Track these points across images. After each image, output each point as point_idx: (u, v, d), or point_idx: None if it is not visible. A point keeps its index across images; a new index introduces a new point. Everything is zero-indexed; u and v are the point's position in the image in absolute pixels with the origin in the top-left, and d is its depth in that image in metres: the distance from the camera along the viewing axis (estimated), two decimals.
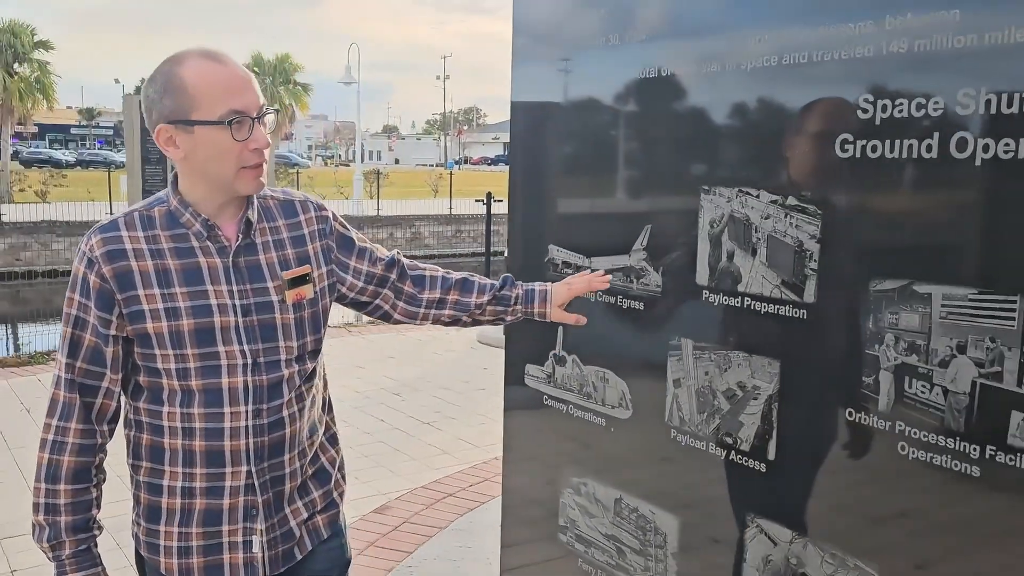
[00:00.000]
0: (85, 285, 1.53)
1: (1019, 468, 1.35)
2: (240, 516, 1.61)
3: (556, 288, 1.87)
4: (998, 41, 1.36)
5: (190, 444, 1.56)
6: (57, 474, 1.55)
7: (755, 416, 1.78)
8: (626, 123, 2.15)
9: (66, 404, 1.55)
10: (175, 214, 1.57)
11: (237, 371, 1.56)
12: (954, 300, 1.44)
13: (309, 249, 1.68)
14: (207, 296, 1.55)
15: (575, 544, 2.27)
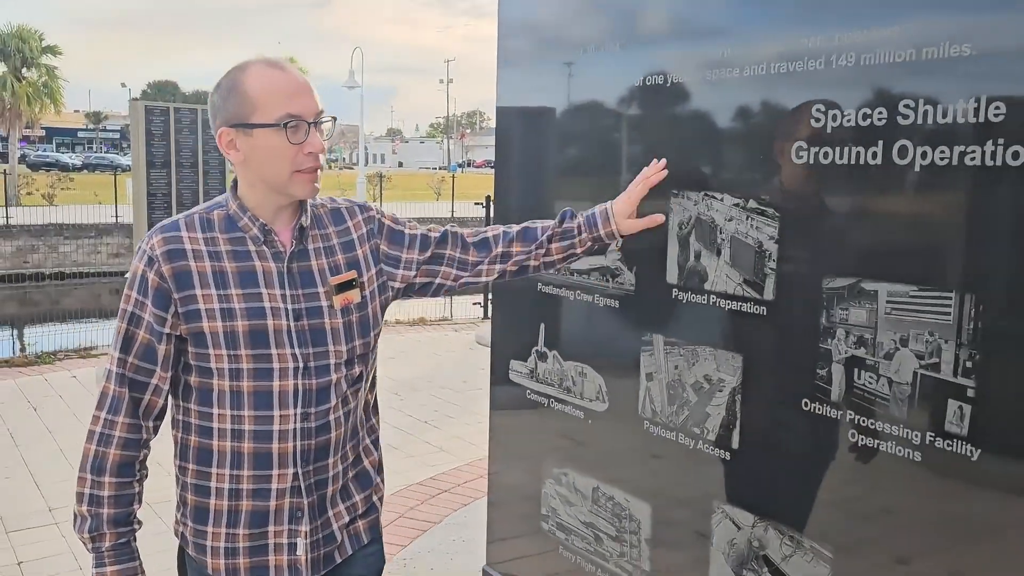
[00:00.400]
0: (143, 283, 1.55)
1: (955, 453, 1.45)
2: (285, 518, 1.62)
3: (616, 203, 1.83)
4: (933, 56, 1.47)
5: (239, 446, 1.58)
6: (103, 466, 1.56)
7: (720, 407, 1.89)
8: (602, 129, 2.25)
9: (115, 398, 1.56)
10: (233, 218, 1.60)
11: (288, 374, 1.58)
12: (897, 297, 1.54)
13: (358, 253, 1.70)
14: (261, 299, 1.57)
15: (556, 532, 2.37)
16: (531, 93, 2.47)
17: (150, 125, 6.22)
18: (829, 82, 1.64)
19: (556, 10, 2.38)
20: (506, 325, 2.66)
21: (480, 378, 6.64)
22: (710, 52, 1.87)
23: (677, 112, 1.98)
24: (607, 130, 2.24)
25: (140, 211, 6.27)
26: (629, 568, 2.14)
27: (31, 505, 4.19)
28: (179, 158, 6.38)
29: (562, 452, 2.36)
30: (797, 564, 1.72)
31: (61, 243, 19.31)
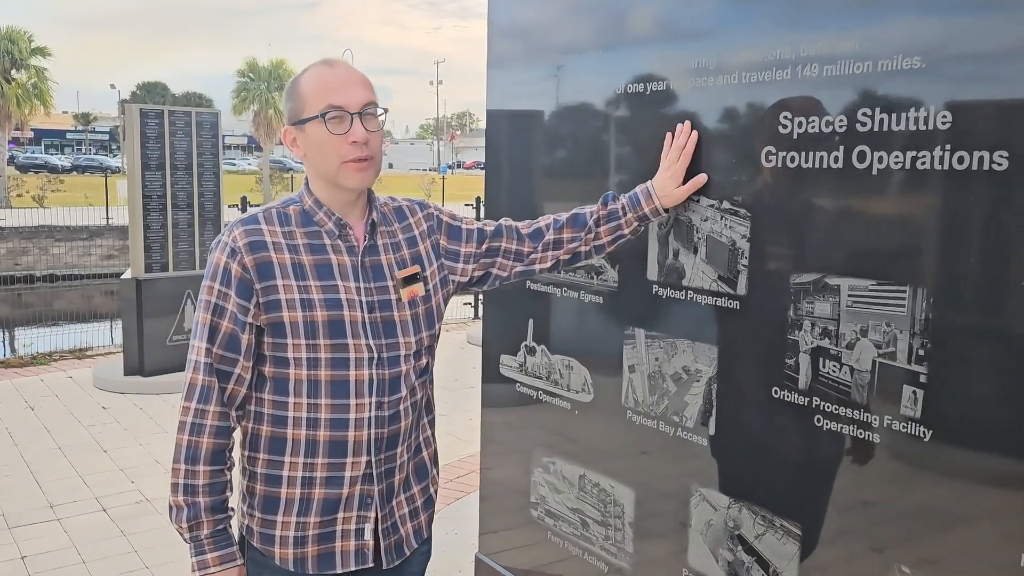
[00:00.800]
0: (226, 274, 1.59)
1: (909, 434, 1.58)
2: (356, 504, 1.65)
3: (657, 181, 1.94)
4: (888, 68, 1.59)
5: (314, 434, 1.61)
6: (197, 455, 1.59)
7: (698, 396, 2.00)
8: (587, 131, 2.37)
9: (205, 387, 1.59)
10: (309, 213, 1.66)
11: (363, 364, 1.62)
12: (858, 290, 1.66)
13: (421, 249, 1.77)
14: (338, 291, 1.62)
15: (545, 518, 2.49)
16: (521, 95, 2.58)
17: (144, 128, 6.29)
18: (795, 91, 1.76)
19: (545, 13, 2.49)
20: (496, 322, 2.77)
21: (472, 377, 6.75)
22: (688, 62, 1.99)
23: (658, 117, 2.10)
24: (593, 132, 2.35)
25: (135, 213, 6.35)
26: (614, 551, 2.26)
27: (32, 502, 4.28)
28: (173, 160, 6.46)
29: (550, 442, 2.47)
30: (769, 542, 1.84)
31: (52, 245, 19.32)
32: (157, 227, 6.42)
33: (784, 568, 1.81)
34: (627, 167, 2.23)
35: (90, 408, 5.90)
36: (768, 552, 1.84)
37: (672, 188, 1.94)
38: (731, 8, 1.93)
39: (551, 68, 2.42)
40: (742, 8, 1.90)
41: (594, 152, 2.34)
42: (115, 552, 3.76)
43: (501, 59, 2.61)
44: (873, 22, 1.62)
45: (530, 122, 2.54)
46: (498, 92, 2.62)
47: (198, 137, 6.56)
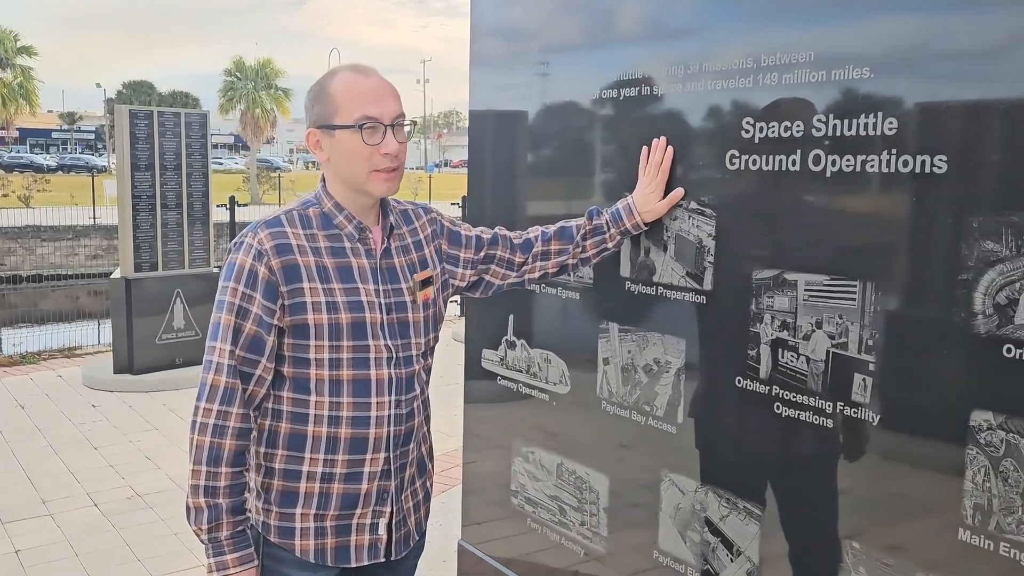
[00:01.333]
0: (252, 276, 1.59)
1: (860, 419, 1.69)
2: (373, 500, 1.69)
3: (637, 197, 2.03)
4: (840, 78, 1.70)
5: (335, 432, 1.64)
6: (219, 456, 1.58)
7: (667, 386, 2.11)
8: (564, 131, 2.47)
9: (228, 389, 1.59)
10: (329, 216, 1.69)
11: (383, 364, 1.67)
12: (814, 285, 1.77)
13: (427, 252, 1.82)
14: (359, 294, 1.66)
15: (524, 506, 2.59)
16: (503, 96, 2.67)
17: (134, 128, 6.36)
18: (756, 98, 1.86)
19: (526, 13, 2.59)
20: (479, 318, 2.87)
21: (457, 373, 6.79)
22: (660, 71, 2.09)
23: (631, 120, 2.20)
24: (571, 133, 2.45)
25: (125, 213, 6.41)
26: (589, 535, 2.36)
27: (25, 498, 4.35)
28: (163, 161, 6.52)
29: (529, 432, 2.58)
30: (732, 523, 1.95)
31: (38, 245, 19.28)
32: (146, 227, 6.48)
33: (746, 547, 1.92)
34: (605, 167, 2.33)
35: (80, 406, 5.96)
36: (732, 533, 1.95)
37: (653, 203, 2.03)
38: (699, 20, 2.04)
39: (533, 68, 2.52)
40: (709, 21, 2.01)
41: (574, 152, 2.44)
42: (107, 546, 3.84)
43: (483, 59, 2.71)
44: (826, 35, 1.73)
45: (512, 122, 2.64)
46: (481, 92, 2.71)
47: (187, 138, 6.63)
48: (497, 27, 2.69)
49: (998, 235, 1.47)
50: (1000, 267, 1.47)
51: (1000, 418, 1.48)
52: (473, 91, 2.71)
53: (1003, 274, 1.47)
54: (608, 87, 2.24)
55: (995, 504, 1.49)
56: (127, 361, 6.48)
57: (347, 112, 1.63)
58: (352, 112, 1.63)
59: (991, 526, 1.49)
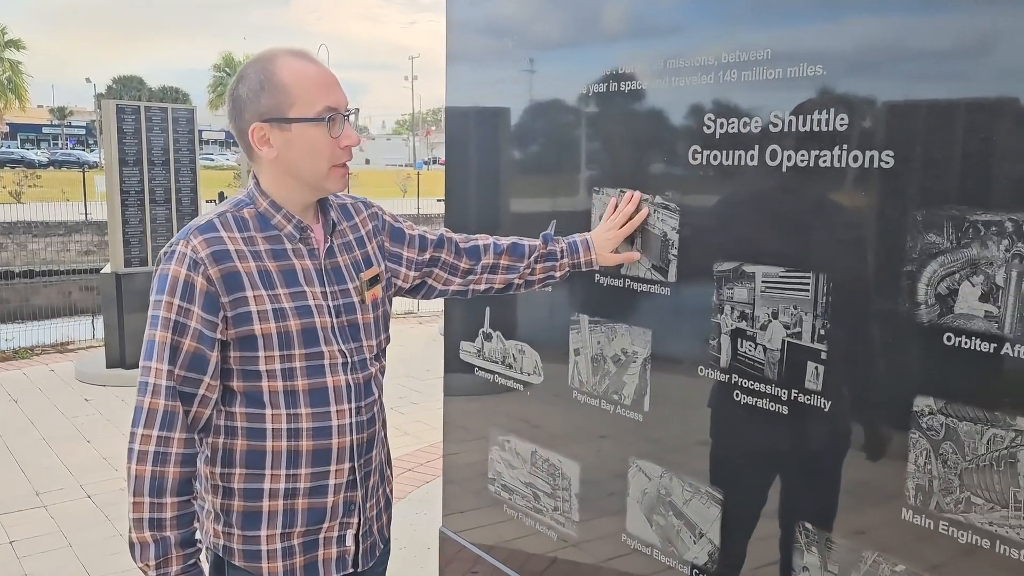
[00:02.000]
0: (187, 288, 1.46)
1: (813, 405, 1.75)
2: (340, 512, 1.60)
3: (597, 237, 1.99)
4: (795, 75, 1.76)
5: (296, 445, 1.54)
6: (163, 487, 1.46)
7: (634, 376, 2.18)
8: (536, 128, 2.53)
9: (168, 413, 1.46)
10: (266, 216, 1.56)
11: (338, 370, 1.56)
12: (770, 277, 1.83)
13: (369, 249, 1.70)
14: (306, 297, 1.54)
15: (501, 493, 2.66)
16: (478, 92, 2.72)
17: (122, 123, 6.39)
18: (717, 95, 1.92)
19: (501, 8, 2.64)
20: (457, 310, 2.93)
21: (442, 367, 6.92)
22: (620, 69, 2.15)
23: (597, 117, 2.26)
24: (541, 132, 2.51)
25: (114, 208, 6.45)
26: (562, 520, 2.43)
27: (18, 490, 4.41)
28: (151, 156, 6.56)
29: (505, 421, 2.64)
30: (695, 507, 2.02)
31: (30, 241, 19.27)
32: (136, 222, 6.52)
33: (708, 529, 1.99)
34: (576, 164, 2.39)
35: (73, 400, 6.01)
36: (695, 516, 2.02)
37: (608, 249, 2.01)
38: (662, 20, 2.10)
39: (507, 64, 2.57)
40: (672, 20, 2.07)
41: (546, 149, 2.50)
42: (101, 536, 3.90)
43: (459, 55, 2.76)
44: (783, 34, 1.79)
45: (487, 119, 2.70)
46: (457, 89, 2.77)
47: (174, 133, 6.67)
48: (472, 23, 2.74)
49: (940, 228, 1.54)
50: (941, 259, 1.54)
51: (940, 403, 1.54)
52: (449, 88, 2.76)
53: (944, 265, 1.54)
54: (578, 84, 2.29)
55: (935, 485, 1.55)
56: (119, 355, 6.53)
57: (307, 103, 1.51)
58: (313, 103, 1.51)
59: (931, 506, 1.56)
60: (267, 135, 1.53)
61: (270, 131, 1.52)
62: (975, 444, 1.50)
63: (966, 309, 1.50)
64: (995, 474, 1.48)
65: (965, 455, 1.52)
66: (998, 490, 1.48)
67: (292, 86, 1.51)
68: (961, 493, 1.52)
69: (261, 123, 1.52)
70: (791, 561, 1.80)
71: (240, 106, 1.54)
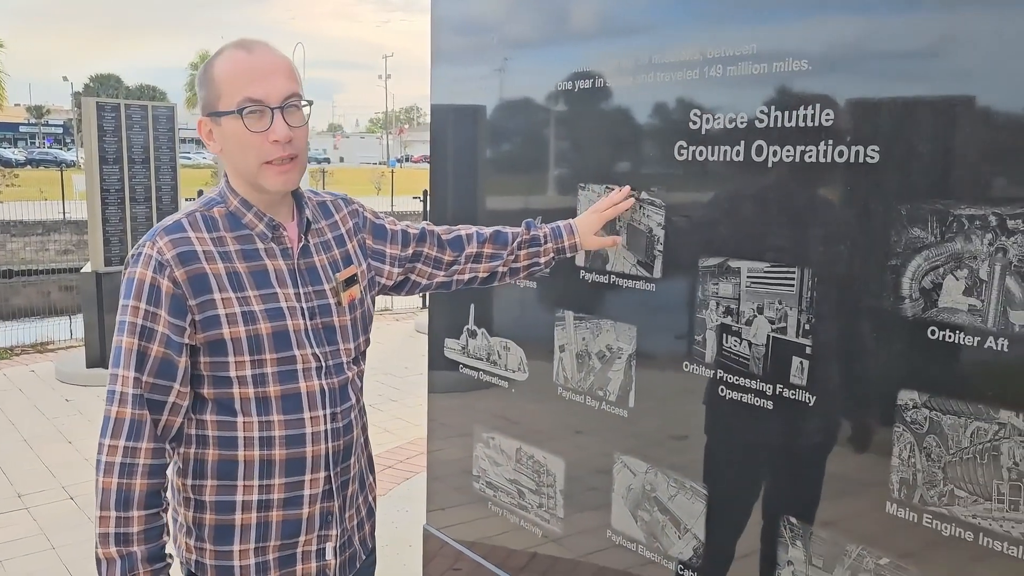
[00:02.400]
0: (154, 291, 1.41)
1: (798, 400, 1.76)
2: (317, 524, 1.54)
3: (581, 221, 1.97)
4: (781, 70, 1.76)
5: (269, 454, 1.48)
6: (129, 500, 1.40)
7: (619, 372, 2.17)
8: (521, 125, 2.52)
9: (135, 422, 1.40)
10: (236, 214, 1.50)
11: (312, 375, 1.50)
12: (755, 272, 1.84)
13: (349, 248, 1.64)
14: (278, 299, 1.48)
15: (485, 490, 2.65)
16: (464, 90, 2.71)
17: (102, 121, 6.32)
18: (703, 91, 1.93)
19: (486, 6, 2.63)
20: (441, 308, 2.92)
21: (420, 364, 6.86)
22: (611, 63, 2.15)
23: (583, 113, 2.26)
24: (527, 128, 2.50)
25: (94, 207, 6.38)
26: (547, 516, 2.42)
27: (1, 492, 4.35)
28: (131, 154, 6.49)
29: (490, 418, 2.63)
30: (680, 502, 2.02)
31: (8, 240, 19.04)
32: (116, 220, 6.45)
33: (693, 525, 1.99)
34: (561, 160, 2.39)
35: (54, 401, 5.94)
36: (679, 511, 2.02)
37: (591, 232, 1.99)
38: (649, 16, 2.10)
39: (491, 62, 2.57)
40: (659, 17, 2.07)
41: (531, 145, 2.50)
42: (83, 538, 3.85)
43: (444, 52, 2.74)
44: (769, 29, 1.80)
45: (470, 116, 2.69)
46: (442, 87, 2.76)
47: (155, 131, 6.60)
48: (457, 21, 2.73)
49: (924, 222, 1.54)
50: (926, 253, 1.55)
51: (924, 396, 1.55)
52: (434, 85, 2.75)
53: (928, 259, 1.54)
54: (563, 80, 2.29)
55: (919, 478, 1.56)
56: (99, 355, 6.46)
57: (229, 96, 1.44)
58: (233, 95, 1.43)
59: (915, 499, 1.57)
60: (210, 130, 1.51)
61: (212, 126, 1.50)
62: (959, 437, 1.51)
63: (950, 303, 1.51)
64: (978, 467, 1.49)
65: (949, 448, 1.52)
66: (981, 483, 1.48)
67: (219, 78, 1.46)
68: (945, 486, 1.53)
69: (204, 118, 1.51)
70: (776, 555, 1.80)
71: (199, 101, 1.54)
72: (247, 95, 1.44)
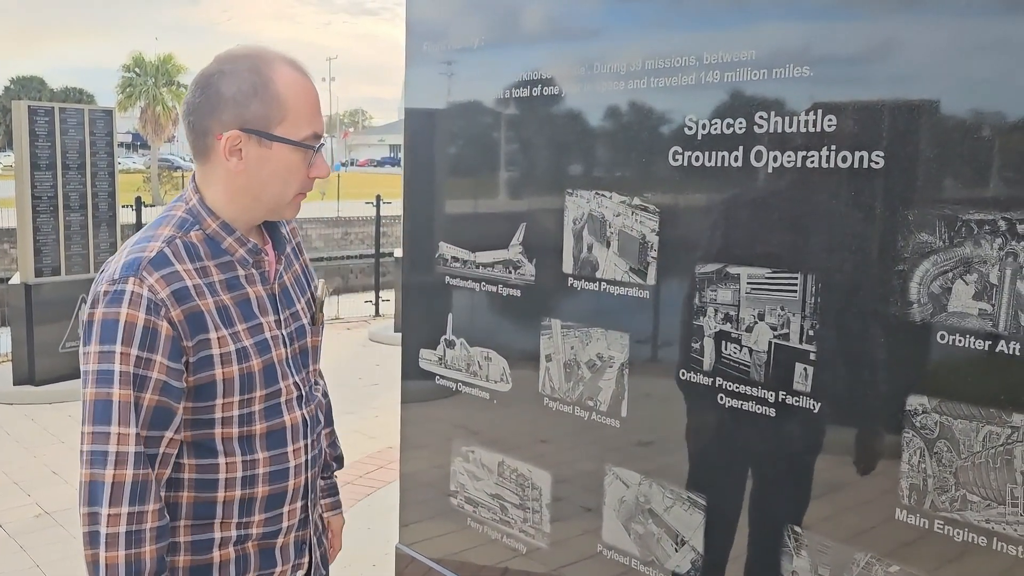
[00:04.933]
0: (148, 334, 1.27)
1: (801, 407, 1.74)
2: (292, 553, 1.49)
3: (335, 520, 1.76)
4: (781, 76, 1.75)
5: (251, 492, 1.40)
6: (141, 570, 1.28)
7: (611, 381, 2.13)
8: (505, 129, 2.47)
9: (139, 484, 1.28)
10: (215, 238, 1.38)
11: (294, 405, 1.44)
12: (756, 279, 1.82)
13: (298, 266, 1.56)
14: (263, 330, 1.40)
15: (464, 506, 2.57)
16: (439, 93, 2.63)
17: (34, 125, 6.02)
18: (699, 96, 1.91)
19: (462, 8, 2.57)
20: (415, 316, 2.84)
21: (375, 374, 6.75)
22: (605, 68, 2.12)
23: (572, 118, 2.22)
24: (504, 132, 2.45)
25: (24, 215, 6.06)
26: (532, 532, 2.36)
27: None
28: (65, 160, 6.20)
29: (469, 431, 2.56)
30: (677, 513, 1.99)
31: None
32: (48, 229, 6.14)
33: (691, 536, 1.95)
34: (545, 163, 2.35)
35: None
36: (676, 523, 1.99)
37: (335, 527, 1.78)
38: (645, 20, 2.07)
39: (471, 64, 2.51)
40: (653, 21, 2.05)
41: (515, 150, 2.45)
42: (17, 568, 3.61)
43: (419, 55, 2.68)
44: (768, 34, 1.79)
45: (448, 120, 2.63)
46: (417, 90, 2.69)
47: (91, 135, 6.32)
48: (433, 23, 2.67)
49: (932, 227, 1.55)
50: (934, 258, 1.55)
51: (935, 401, 1.55)
52: (409, 88, 2.68)
53: (937, 264, 1.55)
54: (550, 84, 2.25)
55: (930, 484, 1.56)
56: (27, 371, 6.13)
57: (296, 124, 1.35)
58: (302, 126, 1.36)
59: (926, 505, 1.56)
60: (241, 146, 1.34)
61: (247, 142, 1.34)
62: (970, 442, 1.51)
63: (960, 307, 1.52)
64: (991, 471, 1.49)
65: (960, 453, 1.52)
66: (995, 487, 1.49)
67: (289, 101, 1.34)
68: (956, 491, 1.53)
69: (240, 131, 1.33)
70: (780, 566, 1.78)
71: (220, 104, 1.34)
72: (315, 130, 1.37)
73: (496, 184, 2.48)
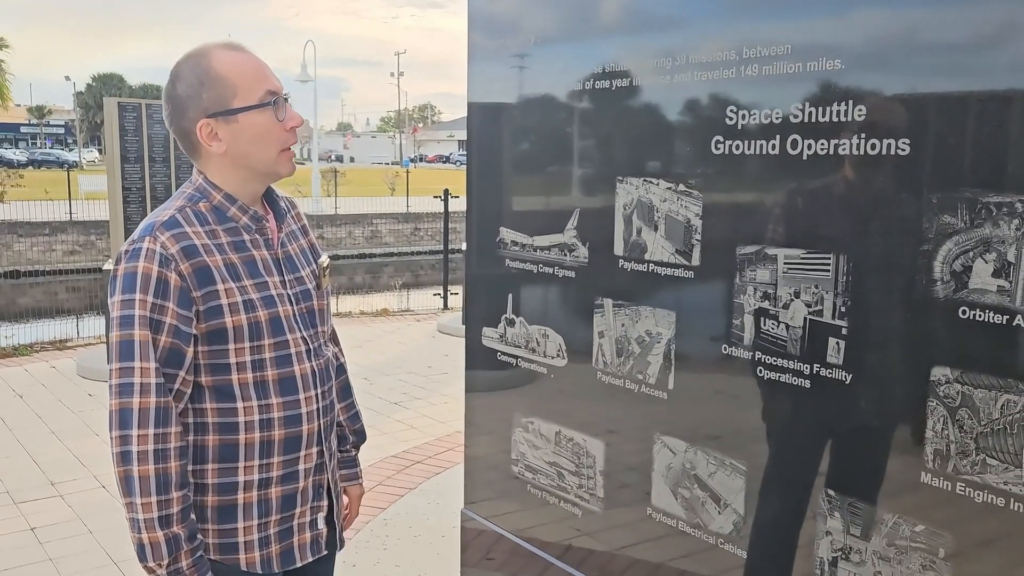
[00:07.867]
0: (161, 284, 1.48)
1: (834, 379, 1.87)
2: (310, 496, 1.66)
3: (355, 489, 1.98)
4: (815, 69, 1.87)
5: (269, 435, 1.57)
6: (168, 483, 1.47)
7: (659, 356, 2.29)
8: (561, 122, 2.63)
9: (162, 409, 1.48)
10: (221, 208, 1.58)
11: (303, 358, 1.62)
12: (792, 259, 1.95)
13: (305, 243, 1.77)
14: (268, 287, 1.58)
15: (525, 473, 2.76)
16: (500, 88, 2.80)
17: (123, 120, 6.43)
18: (739, 88, 2.04)
19: (519, 6, 2.74)
20: (478, 296, 3.04)
21: (443, 363, 7.02)
22: (649, 61, 2.26)
23: (623, 108, 2.37)
24: (560, 124, 2.61)
25: (115, 205, 6.49)
26: (587, 497, 2.54)
27: (33, 480, 4.47)
28: (152, 153, 6.60)
29: (528, 404, 2.74)
30: (720, 479, 2.13)
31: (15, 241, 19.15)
32: (137, 218, 6.55)
33: (733, 500, 2.10)
34: (601, 158, 2.50)
35: (77, 396, 6.05)
36: (719, 488, 2.14)
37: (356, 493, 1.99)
38: (687, 16, 2.21)
39: (532, 58, 2.67)
40: (697, 19, 2.18)
41: (567, 142, 2.61)
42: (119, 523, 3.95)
43: (482, 49, 2.85)
44: (803, 30, 1.91)
45: (509, 114, 2.79)
46: (479, 84, 2.86)
47: None
48: (495, 17, 2.84)
49: (954, 209, 1.66)
50: (956, 238, 1.66)
51: (956, 372, 1.66)
52: (471, 82, 2.86)
53: (959, 244, 1.66)
54: (601, 78, 2.40)
55: (952, 449, 1.68)
56: None
57: (249, 90, 1.54)
58: (255, 89, 1.54)
59: (949, 468, 1.68)
60: (214, 130, 1.55)
61: (216, 125, 1.54)
62: (990, 409, 1.62)
63: (980, 284, 1.63)
64: (1009, 437, 1.60)
65: (980, 420, 1.64)
66: (1012, 451, 1.60)
67: (232, 76, 1.54)
68: (977, 456, 1.64)
69: (207, 119, 1.54)
70: (815, 526, 1.92)
71: (181, 105, 1.55)
72: (268, 88, 1.55)
73: (552, 173, 2.65)
